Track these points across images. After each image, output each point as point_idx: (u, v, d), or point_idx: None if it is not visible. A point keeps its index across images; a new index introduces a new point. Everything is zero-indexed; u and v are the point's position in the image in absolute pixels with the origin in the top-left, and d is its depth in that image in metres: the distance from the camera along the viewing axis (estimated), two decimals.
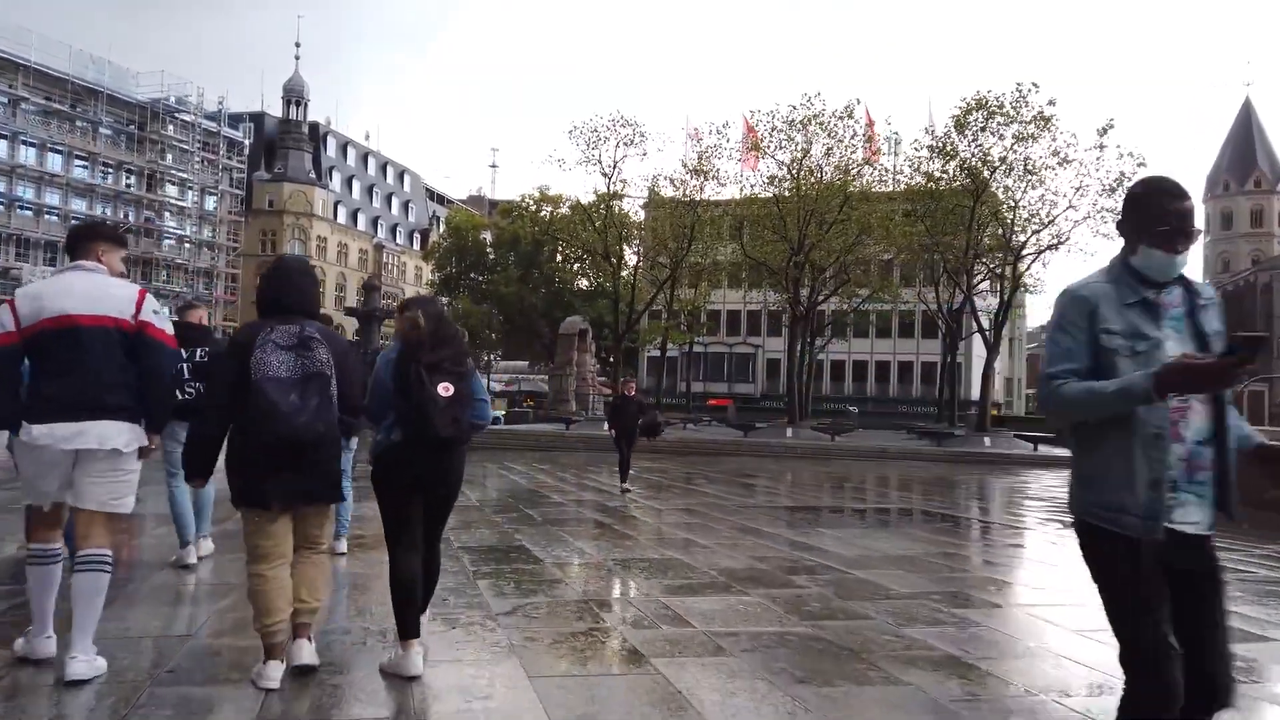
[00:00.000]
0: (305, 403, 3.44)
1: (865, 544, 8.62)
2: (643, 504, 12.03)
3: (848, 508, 13.03)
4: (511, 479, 15.78)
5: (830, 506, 13.04)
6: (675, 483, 16.09)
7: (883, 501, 14.81)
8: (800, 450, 25.09)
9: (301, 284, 3.86)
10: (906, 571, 7.04)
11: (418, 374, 3.65)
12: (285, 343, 3.47)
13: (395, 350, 3.87)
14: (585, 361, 37.13)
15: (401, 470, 3.82)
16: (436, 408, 3.63)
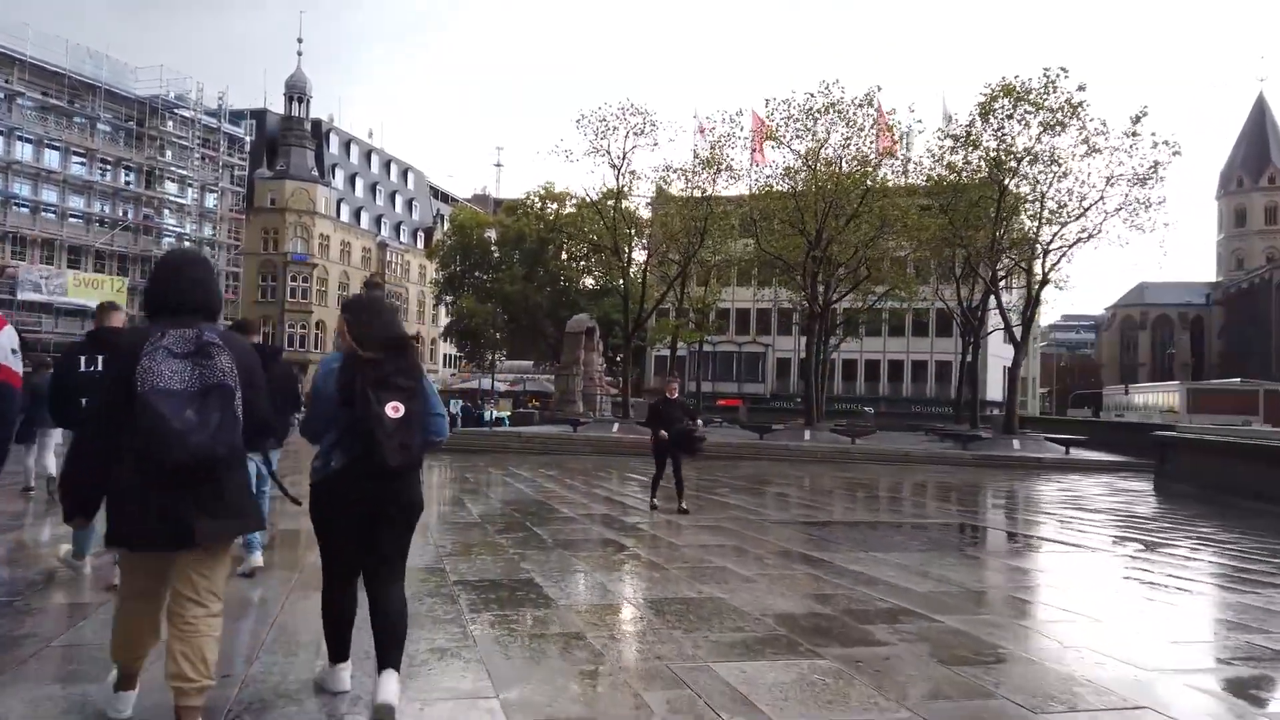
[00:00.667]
0: (203, 419, 2.88)
1: (934, 573, 7.29)
2: (662, 519, 10.70)
3: (892, 523, 11.68)
4: (517, 487, 14.47)
5: (872, 521, 11.69)
6: (694, 492, 14.76)
7: (927, 514, 13.46)
8: (819, 454, 23.75)
9: (197, 279, 3.27)
10: (1010, 618, 5.71)
11: (363, 391, 3.24)
12: (180, 349, 2.94)
13: (338, 359, 3.45)
14: (593, 361, 35.84)
15: (342, 502, 3.40)
16: (385, 432, 3.20)
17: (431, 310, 78.81)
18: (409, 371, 3.39)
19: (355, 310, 3.55)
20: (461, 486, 15.22)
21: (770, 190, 27.02)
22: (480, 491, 13.94)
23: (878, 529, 10.74)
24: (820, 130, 26.57)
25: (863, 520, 11.71)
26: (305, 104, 68.28)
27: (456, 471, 18.41)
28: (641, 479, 17.02)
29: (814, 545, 8.77)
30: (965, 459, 22.82)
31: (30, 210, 48.32)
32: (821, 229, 26.16)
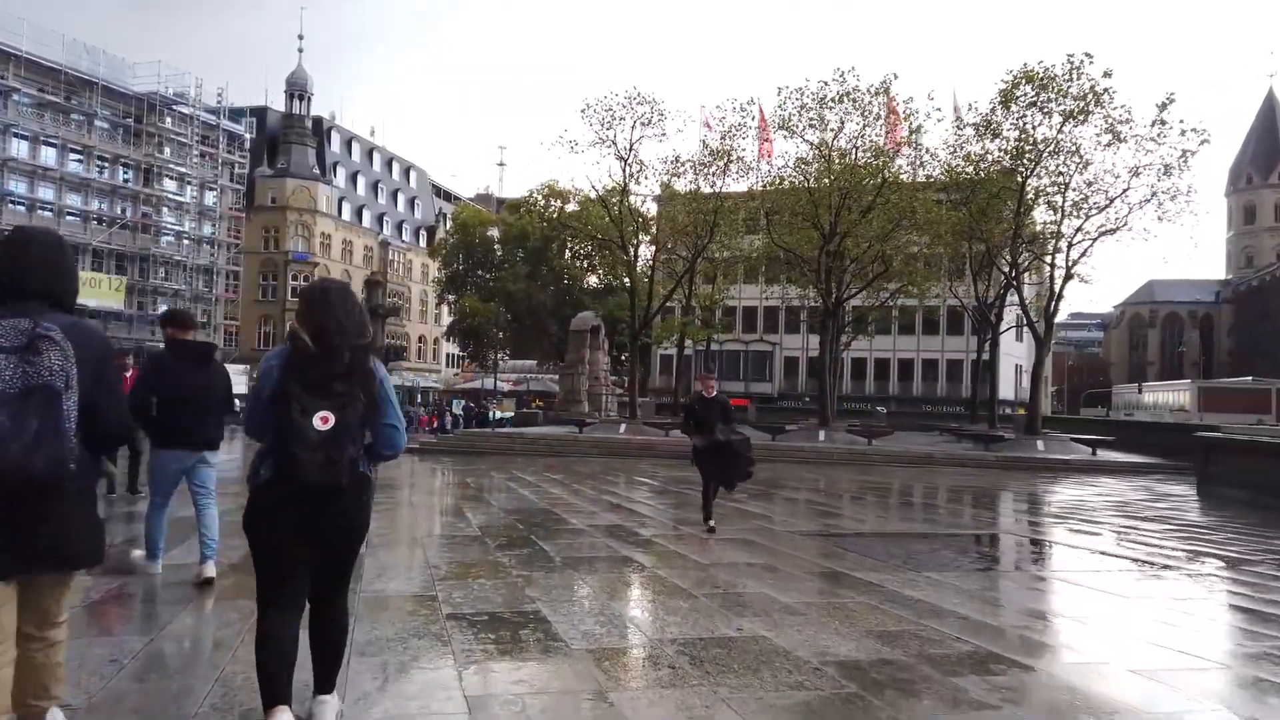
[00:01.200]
0: (19, 426, 2.45)
1: (1007, 601, 6.26)
2: (685, 532, 9.67)
3: (933, 534, 10.64)
4: (521, 494, 13.44)
5: (912, 532, 10.64)
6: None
7: (967, 523, 12.43)
8: (836, 455, 22.70)
9: (46, 259, 2.83)
10: (1129, 668, 4.65)
11: (285, 396, 2.95)
12: (6, 342, 2.52)
13: (281, 355, 3.14)
14: (598, 360, 34.81)
15: (273, 517, 3.08)
16: (306, 445, 2.87)
17: (434, 309, 77.85)
18: (351, 376, 3.02)
19: (309, 300, 3.19)
20: (462, 493, 14.20)
21: (782, 182, 25.86)
22: (482, 499, 12.92)
23: (921, 541, 9.69)
24: (833, 120, 25.50)
25: (901, 531, 10.66)
26: (306, 101, 67.34)
27: (458, 476, 17.40)
28: (652, 483, 16.03)
29: (857, 563, 7.73)
30: (989, 461, 21.75)
31: (26, 208, 47.37)
32: (836, 222, 25.08)
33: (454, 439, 25.91)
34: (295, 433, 2.87)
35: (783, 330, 53.61)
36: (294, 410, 2.89)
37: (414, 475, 17.06)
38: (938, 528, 11.46)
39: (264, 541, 3.12)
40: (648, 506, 12.28)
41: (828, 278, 25.80)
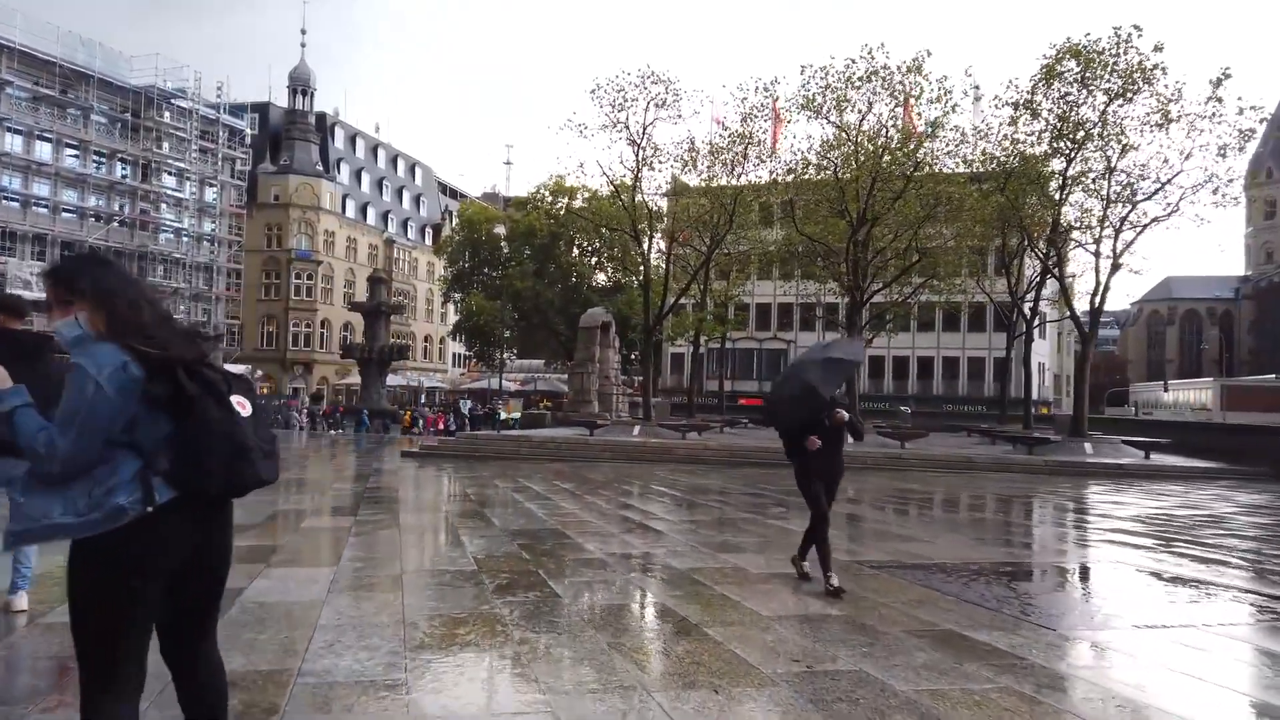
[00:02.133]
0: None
1: (1223, 678, 4.38)
2: (728, 563, 7.80)
3: (1030, 563, 8.77)
4: (527, 509, 11.60)
5: (1007, 564, 8.73)
6: (746, 511, 11.88)
7: (1055, 546, 10.55)
8: (869, 460, 20.81)
9: None
10: None
11: (201, 384, 2.38)
12: None
13: (116, 352, 2.32)
14: (608, 358, 32.98)
15: (160, 555, 2.36)
16: (236, 440, 2.38)
17: (440, 308, 76.12)
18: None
19: (123, 284, 2.48)
20: (461, 507, 12.37)
21: (807, 167, 23.87)
22: (482, 515, 11.09)
23: (1022, 577, 7.82)
24: (860, 101, 23.58)
25: (990, 562, 8.78)
26: (309, 97, 65.65)
27: (458, 486, 15.57)
28: (673, 493, 14.18)
29: (967, 617, 5.86)
30: (1038, 466, 19.83)
31: (21, 204, 45.77)
32: (865, 209, 23.16)
33: (456, 442, 24.10)
34: (217, 428, 2.35)
35: (798, 328, 51.60)
36: (207, 404, 2.36)
37: (411, 485, 15.23)
38: (1027, 554, 9.57)
39: (128, 598, 2.33)
40: (674, 525, 10.43)
41: (855, 269, 23.86)
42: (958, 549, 9.35)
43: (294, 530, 9.49)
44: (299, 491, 13.69)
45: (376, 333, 42.48)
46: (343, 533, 9.17)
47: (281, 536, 9.06)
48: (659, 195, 25.30)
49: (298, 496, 12.80)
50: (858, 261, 23.79)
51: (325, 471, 18.28)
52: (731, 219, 24.86)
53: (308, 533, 9.31)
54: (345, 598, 6.06)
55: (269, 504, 11.53)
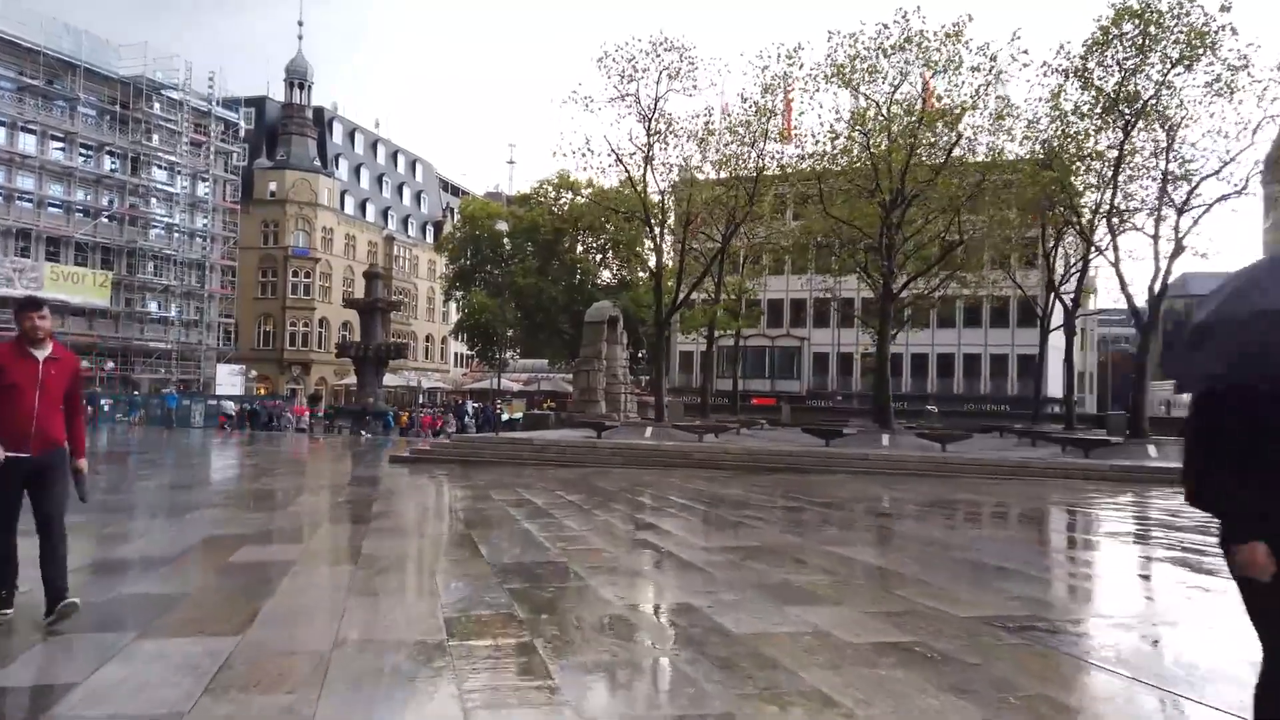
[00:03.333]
0: None
1: None
2: (796, 614, 5.47)
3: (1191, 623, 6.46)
4: (525, 531, 9.30)
5: (1165, 624, 6.41)
6: (791, 532, 9.55)
7: (1199, 586, 8.22)
8: (909, 464, 18.51)
9: None
10: None
11: None
12: None
13: None
14: (616, 354, 30.65)
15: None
16: None
17: (442, 307, 73.90)
18: None
19: None
20: (445, 530, 10.08)
21: (835, 138, 21.41)
22: (467, 543, 8.80)
23: (1196, 648, 5.50)
24: (893, 71, 21.24)
25: (1138, 620, 6.44)
26: (307, 90, 63.48)
27: (446, 499, 13.27)
28: (698, 507, 11.86)
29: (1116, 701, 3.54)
30: (1102, 471, 17.49)
31: (4, 198, 43.60)
32: (902, 189, 20.83)
33: (451, 446, 21.82)
34: None
35: (811, 324, 49.30)
36: None
37: (390, 498, 12.93)
38: (1197, 601, 7.24)
39: None
40: (710, 554, 8.12)
41: (889, 253, 21.48)
42: (1077, 600, 6.98)
43: (215, 568, 7.19)
44: (252, 509, 11.40)
45: (373, 330, 40.21)
46: (277, 572, 6.88)
47: (193, 578, 6.76)
48: (672, 175, 22.90)
49: (248, 516, 10.51)
50: (891, 246, 21.40)
51: (294, 481, 15.99)
52: (752, 199, 22.44)
53: (231, 572, 7.02)
54: (225, 704, 3.77)
55: (206, 525, 9.24)
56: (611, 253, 53.79)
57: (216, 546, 8.25)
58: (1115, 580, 8.03)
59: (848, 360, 48.12)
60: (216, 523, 9.80)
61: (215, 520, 10.00)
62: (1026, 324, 45.53)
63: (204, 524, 9.66)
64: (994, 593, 6.68)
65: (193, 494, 12.83)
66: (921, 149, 20.89)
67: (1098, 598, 7.11)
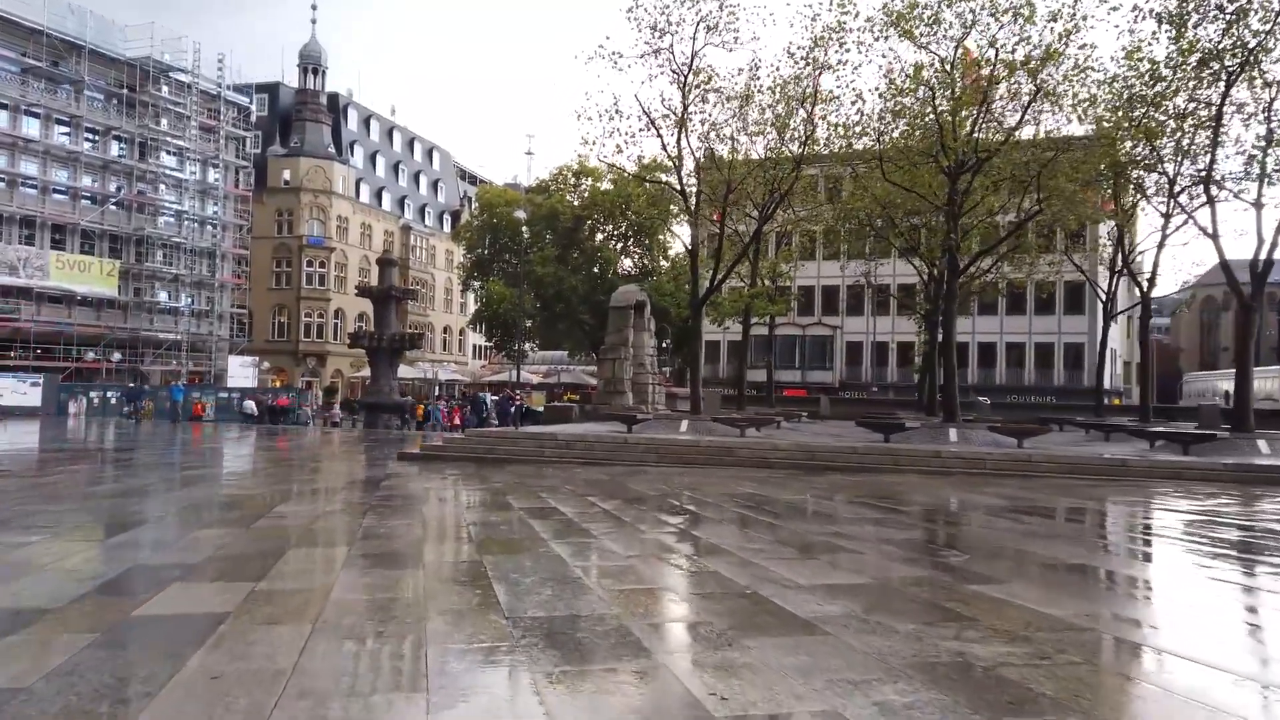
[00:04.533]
0: None
1: None
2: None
3: None
4: (554, 556, 6.89)
5: None
6: (910, 562, 7.07)
7: None
8: (988, 463, 15.96)
9: None
10: None
11: None
12: None
13: None
14: (643, 342, 28.20)
15: None
16: None
17: (459, 298, 71.70)
18: None
19: None
20: (450, 557, 7.67)
21: (899, 93, 18.67)
22: (478, 580, 6.42)
23: None
24: (956, 22, 18.59)
25: None
26: (321, 76, 61.27)
27: (456, 509, 10.90)
28: (767, 521, 9.31)
29: None
30: (1216, 471, 14.89)
31: (7, 184, 41.65)
32: (974, 153, 18.13)
33: (466, 441, 19.46)
34: None
35: (844, 312, 46.59)
36: None
37: (388, 509, 10.57)
38: None
39: None
40: (814, 600, 5.67)
41: (955, 222, 18.79)
42: None
43: (103, 630, 4.81)
44: (210, 523, 9.06)
45: (387, 319, 37.95)
46: (192, 639, 4.51)
47: (52, 653, 4.38)
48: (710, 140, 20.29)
49: (198, 535, 8.16)
50: (956, 216, 18.72)
51: (277, 485, 13.67)
52: (799, 165, 19.71)
53: (120, 639, 4.66)
54: None
55: (139, 550, 6.90)
56: (632, 240, 51.48)
57: (130, 587, 5.91)
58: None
59: (883, 349, 45.48)
60: (155, 546, 7.46)
61: (154, 543, 7.67)
62: (1074, 310, 42.74)
63: (137, 548, 7.33)
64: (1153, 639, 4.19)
65: (146, 504, 10.52)
66: (995, 103, 18.19)
67: None
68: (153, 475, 14.57)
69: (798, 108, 19.35)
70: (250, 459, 19.58)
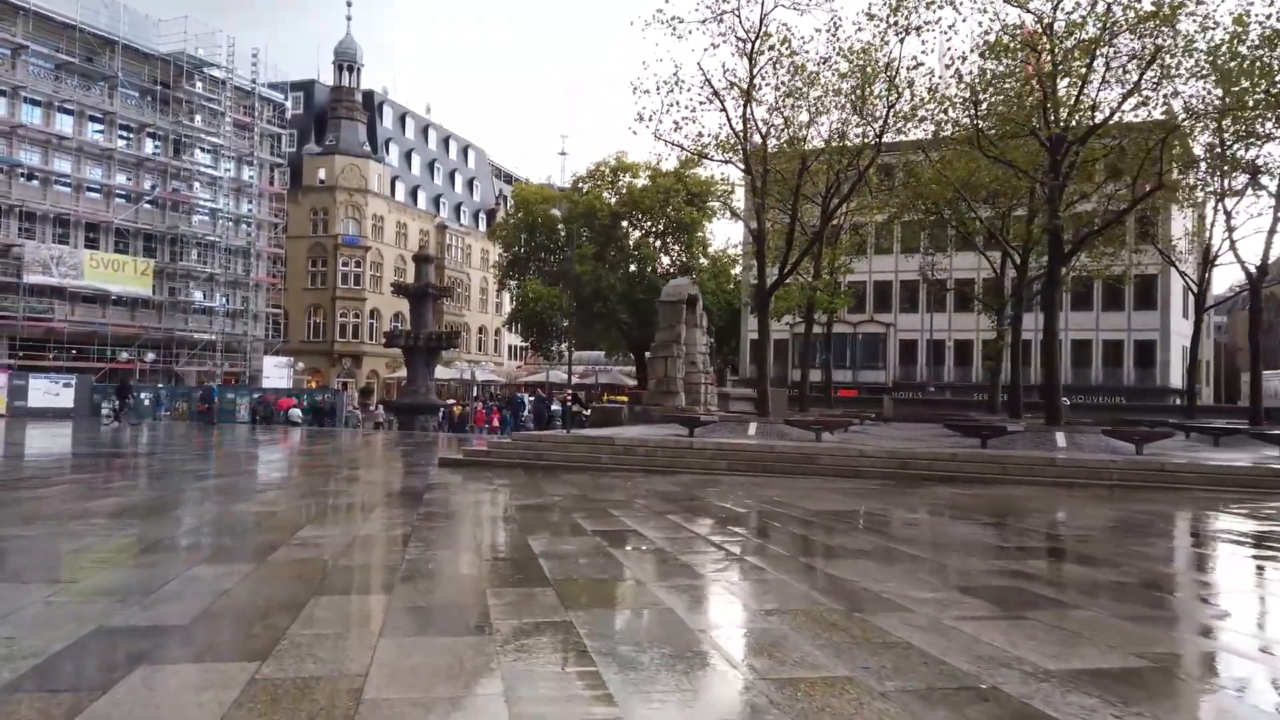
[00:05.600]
0: None
1: None
2: None
3: None
4: (664, 608, 4.87)
5: None
6: (1107, 589, 5.05)
7: None
8: (1112, 473, 13.74)
9: None
10: None
11: None
12: None
13: None
14: (695, 339, 26.14)
15: None
16: None
17: (495, 298, 70.22)
18: None
19: None
20: (526, 603, 5.62)
21: (999, 50, 16.27)
22: (573, 641, 4.47)
23: None
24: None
25: None
26: (356, 73, 60.06)
27: (511, 532, 8.90)
28: (912, 550, 7.10)
29: None
30: None
31: (40, 182, 40.67)
32: (1091, 111, 15.79)
33: (511, 446, 17.57)
34: None
35: (897, 309, 44.20)
36: None
37: (433, 529, 8.66)
38: None
39: None
40: (1103, 705, 3.62)
41: (1056, 202, 16.45)
42: None
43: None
44: (223, 551, 7.19)
45: (424, 317, 36.28)
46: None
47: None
48: (782, 111, 18.17)
49: (205, 569, 6.27)
50: (1062, 188, 16.34)
51: (302, 501, 11.84)
52: (880, 138, 17.39)
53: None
54: None
55: (107, 607, 4.99)
56: (671, 238, 49.58)
57: (74, 673, 4.02)
58: None
59: (939, 347, 43.03)
60: (135, 593, 5.59)
61: (135, 586, 5.80)
62: (1144, 306, 40.05)
63: (109, 597, 5.46)
64: None
65: (142, 526, 8.71)
66: (1101, 66, 15.83)
67: None
68: (161, 487, 12.84)
69: (878, 75, 17.11)
70: (276, 466, 17.88)
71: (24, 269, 39.13)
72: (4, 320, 38.73)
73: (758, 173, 17.79)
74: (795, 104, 18.27)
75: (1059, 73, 16.24)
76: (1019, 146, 17.53)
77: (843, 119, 18.36)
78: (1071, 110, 16.08)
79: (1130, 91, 15.58)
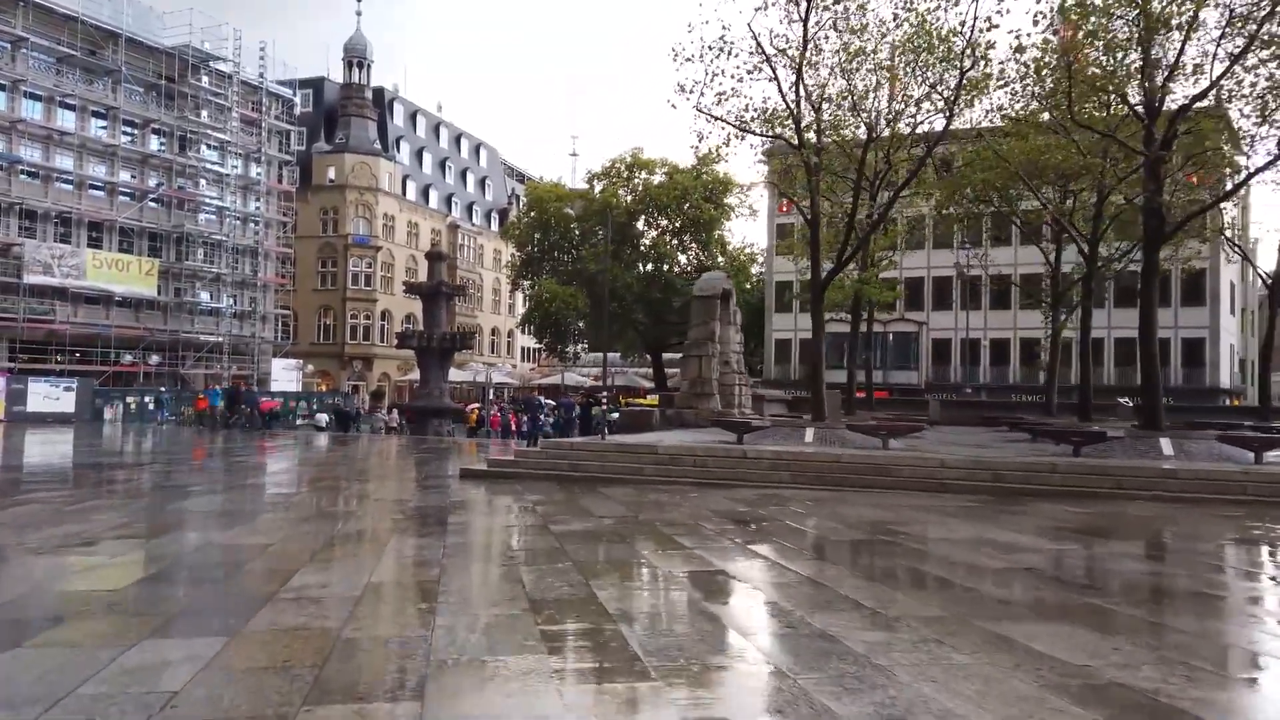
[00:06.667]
0: None
1: None
2: None
3: None
4: (817, 707, 2.98)
5: None
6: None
7: None
8: (1247, 486, 11.75)
9: None
10: None
11: None
12: None
13: None
14: (729, 337, 24.27)
15: None
16: None
17: (508, 299, 68.34)
18: None
19: None
20: (621, 711, 3.69)
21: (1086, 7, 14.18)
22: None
23: None
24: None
25: None
26: (366, 70, 58.26)
27: (573, 571, 6.85)
28: (1095, 602, 5.13)
29: None
30: None
31: (41, 179, 38.93)
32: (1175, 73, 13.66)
33: (541, 455, 15.63)
34: None
35: (929, 307, 42.08)
36: None
37: (471, 568, 6.73)
38: None
39: None
40: None
41: (1157, 178, 14.38)
42: None
43: None
44: (187, 613, 5.27)
45: (436, 318, 34.44)
46: None
47: None
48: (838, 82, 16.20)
49: (156, 645, 4.34)
50: (1162, 160, 14.24)
51: (309, 524, 9.95)
52: (951, 109, 15.35)
53: None
54: None
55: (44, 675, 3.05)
56: (688, 236, 47.66)
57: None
58: None
59: (974, 346, 40.92)
60: (37, 703, 3.67)
61: (38, 691, 3.88)
62: (1191, 302, 37.89)
63: (45, 673, 3.55)
64: None
65: (88, 571, 6.82)
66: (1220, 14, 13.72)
67: None
68: (140, 507, 10.96)
69: (953, 36, 15.08)
70: (276, 481, 16.00)
71: (24, 269, 37.39)
72: (4, 322, 37.01)
73: (813, 146, 15.84)
74: (857, 68, 16.26)
75: (1159, 25, 14.08)
76: (1102, 120, 15.52)
77: (904, 87, 16.33)
78: (1173, 71, 14.05)
79: (1248, 46, 13.45)
